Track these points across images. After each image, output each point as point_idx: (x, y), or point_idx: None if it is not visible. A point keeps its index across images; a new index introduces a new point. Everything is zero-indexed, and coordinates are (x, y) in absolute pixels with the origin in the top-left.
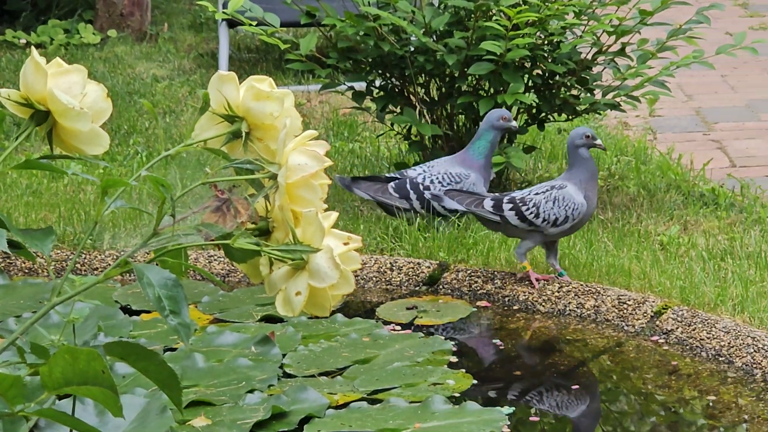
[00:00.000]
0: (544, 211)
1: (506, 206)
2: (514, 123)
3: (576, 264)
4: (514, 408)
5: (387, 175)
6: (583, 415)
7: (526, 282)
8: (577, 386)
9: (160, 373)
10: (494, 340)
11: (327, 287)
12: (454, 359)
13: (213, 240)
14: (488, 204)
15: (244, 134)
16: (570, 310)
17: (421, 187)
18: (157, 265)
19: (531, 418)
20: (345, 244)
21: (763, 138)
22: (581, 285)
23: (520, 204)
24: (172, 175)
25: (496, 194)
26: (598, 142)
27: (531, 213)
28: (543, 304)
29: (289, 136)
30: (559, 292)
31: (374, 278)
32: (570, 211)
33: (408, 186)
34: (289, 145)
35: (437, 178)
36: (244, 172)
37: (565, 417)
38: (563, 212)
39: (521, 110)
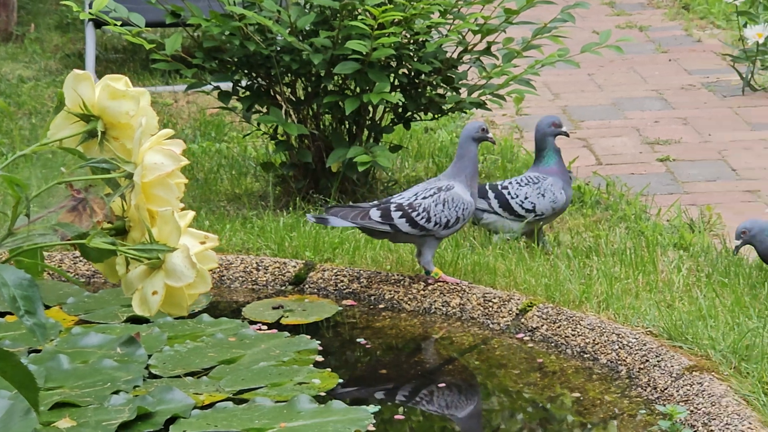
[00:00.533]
0: (435, 215)
1: (395, 214)
2: (564, 129)
3: (442, 262)
4: (380, 407)
5: None
6: (450, 413)
7: (391, 281)
8: (443, 384)
9: (17, 374)
10: (360, 339)
11: (184, 286)
12: (320, 358)
13: (69, 240)
14: (375, 214)
15: (99, 133)
16: (436, 308)
17: (499, 187)
18: (12, 264)
19: (396, 417)
20: (202, 243)
21: (629, 136)
22: (446, 284)
23: (410, 210)
24: (36, 175)
25: (377, 203)
26: (490, 135)
27: (422, 218)
28: (409, 302)
29: (145, 135)
30: (424, 290)
31: (240, 278)
32: (461, 211)
33: (486, 187)
34: (145, 144)
35: (516, 180)
36: (100, 171)
37: (432, 415)
38: (454, 213)
39: (387, 109)
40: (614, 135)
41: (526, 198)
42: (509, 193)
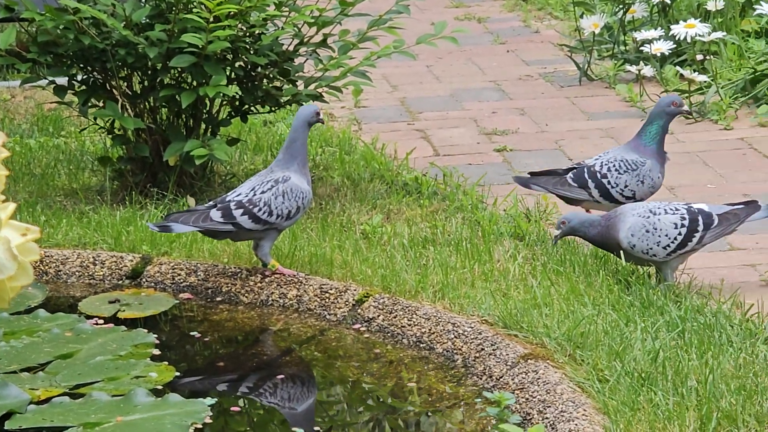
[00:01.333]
0: (276, 207)
1: (237, 212)
2: (686, 107)
3: (279, 255)
4: (217, 399)
5: (564, 168)
6: (289, 405)
7: (229, 273)
8: (282, 376)
9: None
10: (197, 332)
11: (5, 279)
12: (156, 352)
13: None
14: (216, 215)
15: None
16: (273, 300)
17: (598, 175)
18: None
19: (234, 409)
20: (23, 235)
21: (466, 127)
22: (283, 276)
23: (250, 206)
24: None
25: (214, 203)
26: (321, 117)
27: (264, 212)
28: (246, 294)
29: None
30: (261, 282)
31: (77, 273)
32: (300, 200)
33: (586, 175)
34: None
35: (614, 165)
36: None
37: (270, 407)
38: (294, 204)
39: (224, 102)
40: (452, 126)
41: (626, 186)
42: (609, 183)
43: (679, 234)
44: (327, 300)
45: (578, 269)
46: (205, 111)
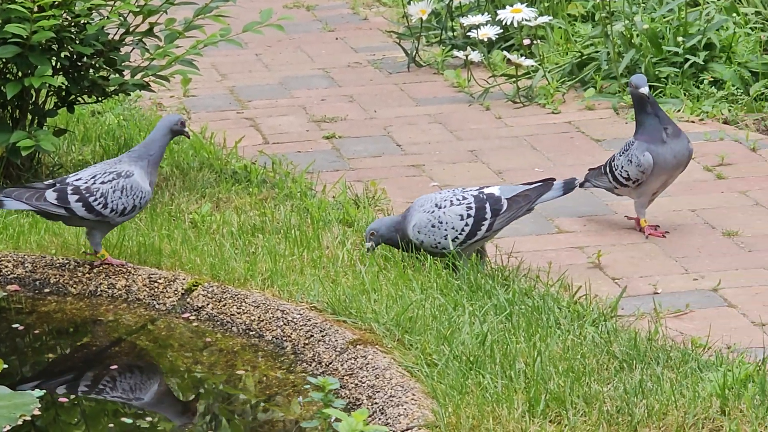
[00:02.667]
0: (113, 201)
1: (72, 198)
2: (643, 89)
3: (107, 245)
4: (46, 391)
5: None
6: (119, 395)
7: (57, 265)
8: (112, 366)
9: None
10: (25, 324)
11: None
12: None
13: None
14: (51, 196)
15: None
16: (102, 290)
17: (613, 160)
18: None
19: (62, 400)
20: None
21: (295, 114)
22: (111, 266)
23: (87, 195)
24: None
25: (53, 182)
26: (186, 130)
27: (99, 204)
28: (74, 285)
29: None
30: (90, 273)
31: None
32: (138, 200)
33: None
34: None
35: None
36: None
37: (100, 397)
38: (131, 201)
39: (50, 93)
40: (281, 114)
41: (622, 167)
42: (615, 166)
43: (466, 225)
44: (156, 289)
45: (406, 254)
46: (31, 102)
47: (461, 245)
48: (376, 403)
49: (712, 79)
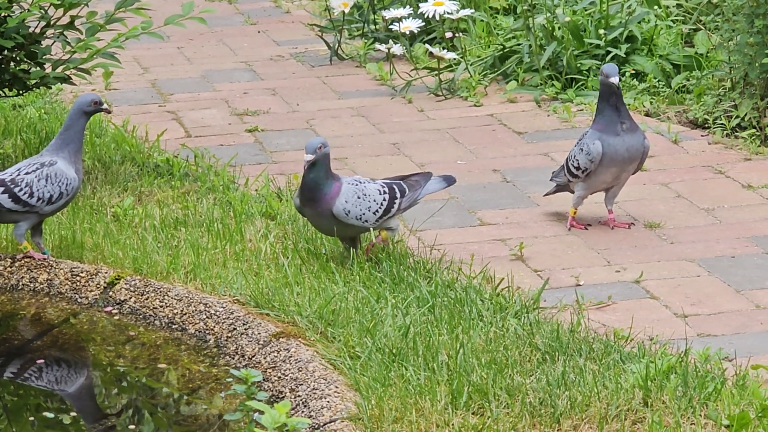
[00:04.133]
0: (38, 190)
1: None
2: (612, 80)
3: (29, 238)
4: None
5: None
6: (42, 388)
7: None
8: (34, 360)
9: None
10: None
11: None
12: None
13: None
14: None
15: None
16: (23, 284)
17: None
18: None
19: None
20: None
21: (218, 108)
22: (33, 260)
23: (12, 186)
24: None
25: None
26: (105, 106)
27: (25, 193)
28: None
29: None
30: (12, 267)
31: None
32: (64, 186)
33: None
34: None
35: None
36: None
37: (21, 392)
38: (57, 189)
39: None
40: (203, 107)
41: (574, 156)
42: (569, 157)
43: (384, 200)
44: (78, 283)
45: (329, 247)
46: None
47: (378, 220)
48: (299, 396)
49: (633, 72)
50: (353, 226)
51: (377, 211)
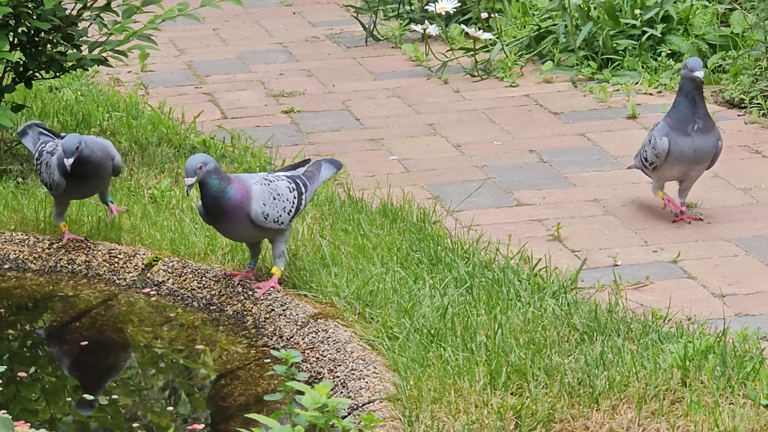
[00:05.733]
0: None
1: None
2: (696, 74)
3: (66, 220)
4: (6, 366)
5: None
6: (80, 371)
7: (16, 241)
8: (73, 342)
9: None
10: None
11: None
12: None
13: None
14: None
15: None
16: (61, 266)
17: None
18: None
19: (23, 375)
20: None
21: (254, 89)
22: (73, 241)
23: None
24: None
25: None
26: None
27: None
28: (34, 261)
29: None
30: (50, 249)
31: None
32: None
33: None
34: None
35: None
36: None
37: (61, 373)
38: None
39: (8, 69)
40: (239, 89)
41: (644, 147)
42: (643, 143)
43: (294, 197)
44: (116, 265)
45: (366, 228)
46: None
47: (291, 220)
48: (337, 377)
49: (669, 52)
50: (269, 229)
51: (291, 210)
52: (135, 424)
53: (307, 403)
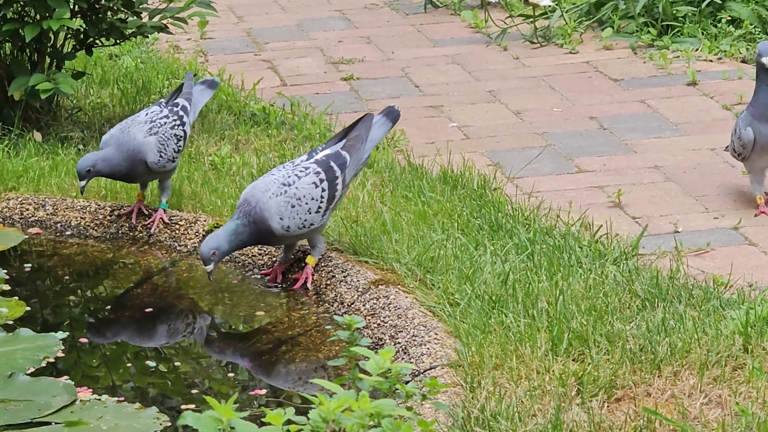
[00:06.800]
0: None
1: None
2: (764, 59)
3: (129, 187)
4: (68, 333)
5: None
6: (141, 337)
7: (77, 207)
8: (134, 308)
9: None
10: (48, 266)
11: None
12: (6, 287)
13: None
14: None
15: None
16: (123, 233)
17: None
18: None
19: (84, 341)
20: None
21: (313, 56)
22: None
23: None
24: None
25: None
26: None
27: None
28: (96, 228)
29: None
30: (111, 215)
31: None
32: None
33: None
34: None
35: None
36: None
37: (122, 339)
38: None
39: (69, 36)
40: (298, 56)
41: (731, 138)
42: (732, 131)
43: (323, 190)
44: (177, 231)
45: (426, 195)
46: (49, 45)
47: (325, 214)
48: (398, 343)
49: (729, 18)
50: (300, 235)
51: (319, 208)
52: (194, 391)
53: (371, 368)
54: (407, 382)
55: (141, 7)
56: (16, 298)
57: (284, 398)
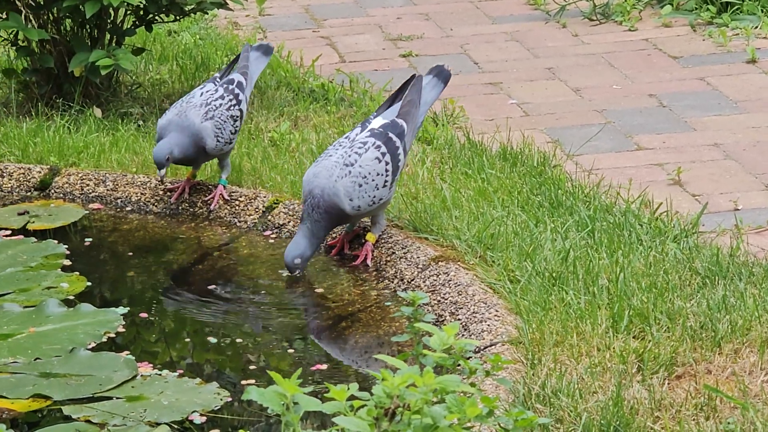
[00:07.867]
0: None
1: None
2: None
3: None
4: (128, 308)
5: None
6: (201, 313)
7: (138, 183)
8: (194, 284)
9: None
10: (108, 242)
11: None
12: (67, 263)
13: None
14: None
15: None
16: (183, 209)
17: None
18: None
19: (144, 316)
20: None
21: (372, 33)
22: (196, 184)
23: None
24: None
25: None
26: None
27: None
28: (156, 204)
29: None
30: (171, 192)
31: None
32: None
33: None
34: None
35: None
36: None
37: (182, 315)
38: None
39: (128, 12)
40: (357, 32)
41: None
42: None
43: (387, 163)
44: (237, 207)
45: (486, 171)
46: (109, 21)
47: (392, 186)
48: (459, 320)
49: None
50: (371, 211)
51: (386, 182)
52: (253, 366)
53: (435, 344)
54: (469, 359)
55: None
56: (77, 273)
57: (344, 374)
